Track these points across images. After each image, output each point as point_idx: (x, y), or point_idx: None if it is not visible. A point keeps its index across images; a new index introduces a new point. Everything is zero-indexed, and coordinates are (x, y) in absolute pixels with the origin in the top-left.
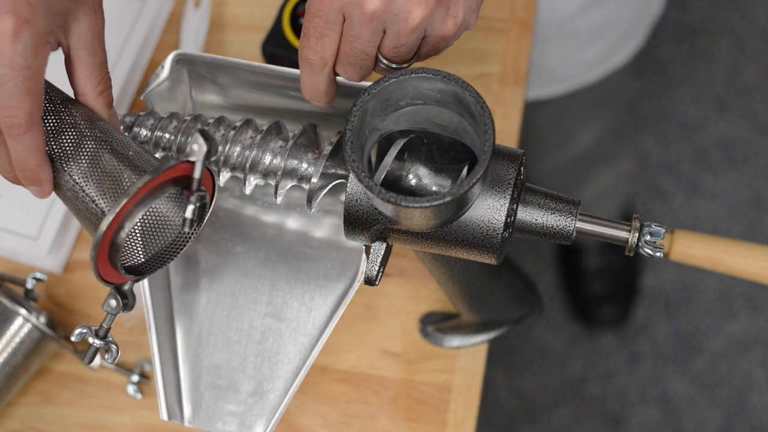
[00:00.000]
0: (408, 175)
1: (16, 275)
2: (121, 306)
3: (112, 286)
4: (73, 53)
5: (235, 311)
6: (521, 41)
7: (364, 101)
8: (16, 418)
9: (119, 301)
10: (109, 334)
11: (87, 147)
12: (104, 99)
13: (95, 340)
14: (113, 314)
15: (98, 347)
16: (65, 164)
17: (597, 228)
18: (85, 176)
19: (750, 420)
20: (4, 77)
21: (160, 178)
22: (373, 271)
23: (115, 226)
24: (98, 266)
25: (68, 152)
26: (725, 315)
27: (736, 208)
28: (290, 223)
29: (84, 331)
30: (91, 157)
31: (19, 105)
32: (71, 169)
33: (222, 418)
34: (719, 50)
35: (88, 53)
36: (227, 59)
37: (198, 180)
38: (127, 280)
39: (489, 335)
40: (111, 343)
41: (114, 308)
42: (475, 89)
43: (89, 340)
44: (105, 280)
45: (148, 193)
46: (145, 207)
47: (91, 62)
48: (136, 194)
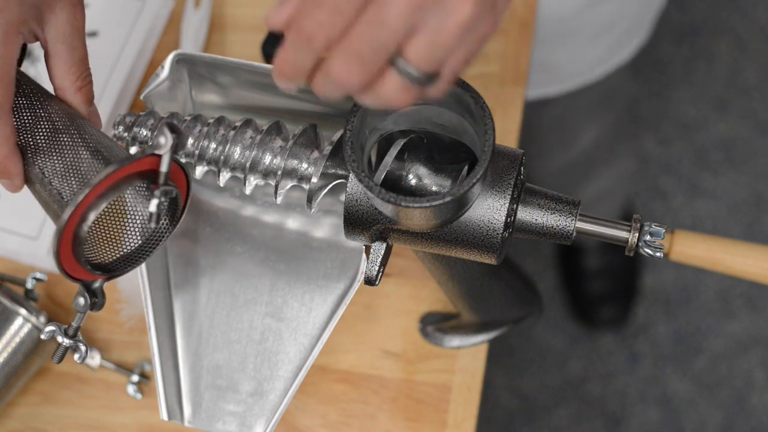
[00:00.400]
0: (408, 175)
1: (16, 275)
2: (89, 304)
3: (80, 282)
4: (50, 47)
5: (235, 311)
6: (521, 41)
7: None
8: (16, 418)
9: (87, 299)
10: (78, 333)
11: (58, 141)
12: (83, 95)
13: (64, 339)
14: (82, 312)
15: (67, 346)
16: (36, 158)
17: (597, 228)
18: (54, 170)
19: (750, 420)
20: None
21: (124, 171)
22: (373, 271)
23: (77, 218)
24: (62, 261)
25: (40, 146)
26: (725, 315)
27: (736, 208)
28: (290, 223)
29: (53, 329)
30: (61, 152)
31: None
32: (41, 163)
33: (222, 418)
34: (719, 50)
35: (66, 47)
36: (227, 59)
37: (165, 174)
38: (94, 277)
39: (489, 335)
40: (79, 342)
41: (82, 306)
42: (475, 89)
43: (58, 338)
44: (71, 275)
45: (112, 186)
46: (108, 199)
47: (69, 57)
48: (98, 186)
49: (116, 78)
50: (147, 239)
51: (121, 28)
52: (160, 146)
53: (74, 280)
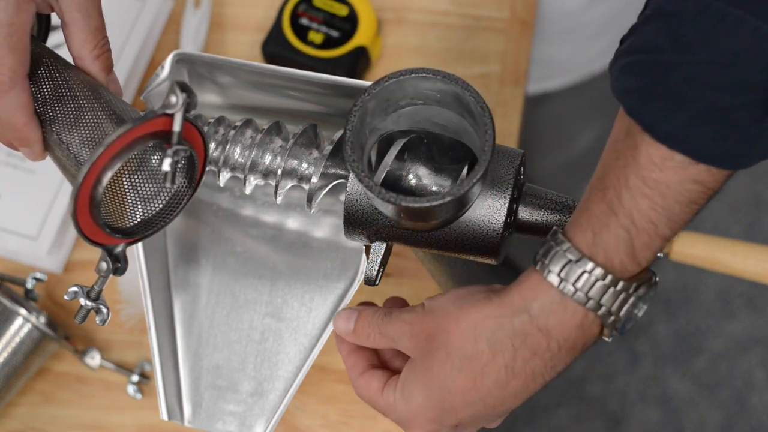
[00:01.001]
0: (408, 175)
1: (16, 275)
2: (111, 269)
3: (101, 247)
4: (66, 16)
5: (235, 311)
6: (521, 41)
7: (364, 101)
8: (16, 418)
9: (109, 264)
10: (101, 296)
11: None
12: (101, 63)
13: (86, 301)
14: (104, 277)
15: (89, 308)
16: (54, 125)
17: None
18: (71, 135)
19: (750, 420)
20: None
21: (136, 131)
22: (373, 271)
23: (93, 179)
24: (81, 224)
25: (57, 113)
26: (725, 315)
27: (736, 208)
28: (290, 223)
29: (76, 290)
30: (79, 118)
31: (1, 62)
32: (59, 129)
33: (222, 418)
34: None
35: (82, 15)
36: (227, 59)
37: (177, 133)
38: (115, 241)
39: None
40: (102, 304)
41: (104, 271)
42: (475, 89)
43: (80, 300)
44: (91, 239)
45: (126, 146)
46: (122, 160)
47: (86, 25)
48: (112, 146)
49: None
50: (167, 203)
51: (121, 28)
52: (172, 105)
53: (94, 244)
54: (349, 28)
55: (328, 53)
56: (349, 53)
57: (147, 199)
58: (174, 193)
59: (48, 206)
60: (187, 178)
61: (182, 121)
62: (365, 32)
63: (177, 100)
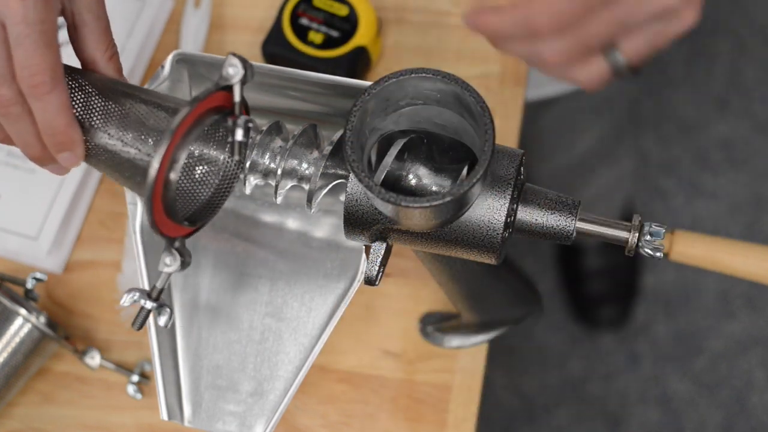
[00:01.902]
0: (408, 175)
1: (16, 275)
2: (178, 263)
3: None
4: (77, 18)
5: (235, 311)
6: None
7: (364, 101)
8: (16, 418)
9: (176, 257)
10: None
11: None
12: (114, 64)
13: (148, 302)
14: (169, 272)
15: (150, 310)
16: (97, 122)
17: (597, 228)
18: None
19: (750, 420)
20: (21, 35)
21: (200, 108)
22: (373, 271)
23: (166, 164)
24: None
25: (97, 109)
26: (725, 315)
27: (736, 208)
28: (290, 223)
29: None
30: (121, 109)
31: (41, 61)
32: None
33: (222, 418)
34: (719, 50)
35: (93, 17)
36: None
37: (239, 103)
38: (184, 230)
39: (489, 335)
40: (164, 305)
41: (170, 265)
42: (475, 89)
43: (142, 303)
44: (161, 232)
45: (192, 125)
46: (192, 139)
47: (97, 26)
48: (180, 127)
49: None
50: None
51: (121, 28)
52: (231, 77)
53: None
54: (349, 28)
55: (328, 53)
56: (349, 53)
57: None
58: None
59: (48, 206)
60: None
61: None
62: (365, 32)
63: (236, 71)
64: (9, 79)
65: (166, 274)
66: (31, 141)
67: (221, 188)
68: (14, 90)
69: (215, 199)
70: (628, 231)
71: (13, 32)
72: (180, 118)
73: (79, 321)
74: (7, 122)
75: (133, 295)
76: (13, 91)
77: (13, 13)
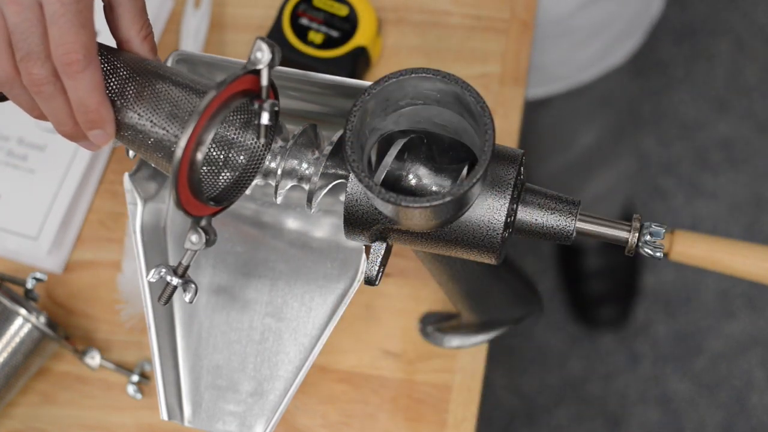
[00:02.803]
0: (408, 175)
1: (16, 275)
2: (203, 241)
3: (192, 218)
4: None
5: (235, 311)
6: (521, 41)
7: (364, 101)
8: (16, 418)
9: (201, 236)
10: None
11: (145, 81)
12: (149, 44)
13: (173, 278)
14: (194, 250)
15: (176, 285)
16: (128, 101)
17: (597, 228)
18: (152, 107)
19: (750, 420)
20: (56, 14)
21: (227, 91)
22: (373, 271)
23: (192, 144)
24: (180, 194)
25: (128, 89)
26: (725, 315)
27: (736, 208)
28: (290, 223)
29: (162, 270)
30: (152, 89)
31: (75, 40)
32: (135, 105)
33: (222, 418)
34: (719, 50)
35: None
36: (227, 59)
37: (266, 87)
38: (210, 210)
39: (489, 335)
40: (190, 281)
41: (196, 243)
42: (475, 89)
43: (168, 279)
44: (187, 211)
45: (219, 107)
46: (218, 121)
47: (133, 6)
48: (208, 109)
49: None
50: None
51: None
52: (259, 61)
53: (190, 216)
54: (349, 28)
55: (328, 53)
56: (349, 53)
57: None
58: (252, 152)
59: (48, 206)
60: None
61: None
62: (365, 32)
63: (263, 55)
64: (43, 58)
65: (192, 252)
66: (63, 119)
67: (248, 170)
68: (48, 68)
69: (242, 180)
70: (628, 231)
71: (49, 11)
72: (207, 101)
73: (79, 321)
74: (41, 100)
75: (160, 270)
76: (47, 70)
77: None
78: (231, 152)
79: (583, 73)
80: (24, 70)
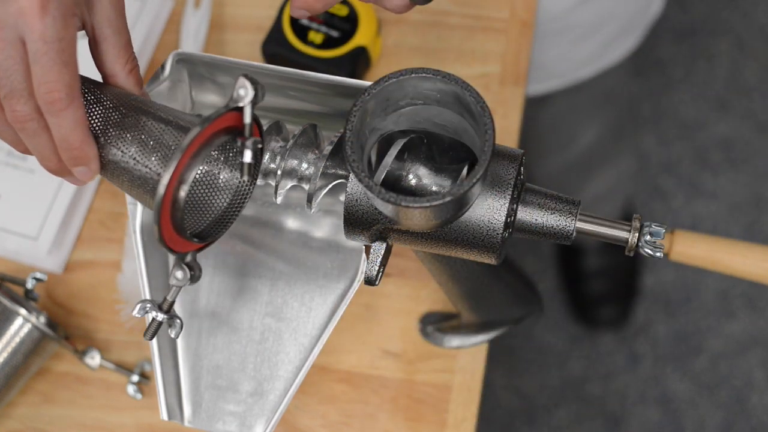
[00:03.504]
0: (408, 175)
1: (16, 275)
2: (188, 277)
3: (177, 255)
4: (97, 32)
5: (235, 311)
6: (521, 41)
7: (364, 101)
8: (16, 418)
9: (186, 272)
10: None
11: (129, 118)
12: (134, 78)
13: (159, 314)
14: (179, 286)
15: (161, 321)
16: (110, 138)
17: (597, 228)
18: (135, 145)
19: (750, 420)
20: (38, 52)
21: (211, 128)
22: (373, 271)
23: (175, 182)
24: (163, 231)
25: (112, 125)
26: (725, 315)
27: (736, 208)
28: (290, 223)
29: (147, 305)
30: (136, 126)
31: (57, 78)
32: (118, 142)
33: (222, 418)
34: (719, 50)
35: (113, 31)
36: (227, 59)
37: (250, 125)
38: (193, 246)
39: (489, 335)
40: (175, 316)
41: (181, 280)
42: (475, 89)
43: (153, 314)
44: (170, 248)
45: (202, 145)
46: (202, 159)
47: (117, 41)
48: (190, 146)
49: None
50: (231, 200)
51: None
52: (242, 98)
53: (174, 253)
54: (349, 28)
55: (328, 53)
56: (349, 53)
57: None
58: (236, 189)
59: (48, 206)
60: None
61: (252, 113)
62: (365, 32)
63: (247, 93)
64: (26, 95)
65: (177, 288)
66: (47, 155)
67: (232, 207)
68: (32, 105)
69: (227, 216)
70: (628, 231)
71: (31, 49)
72: (189, 138)
73: (79, 321)
74: (25, 136)
75: (145, 306)
76: (30, 107)
77: (32, 30)
78: (215, 190)
79: (583, 70)
80: (8, 107)
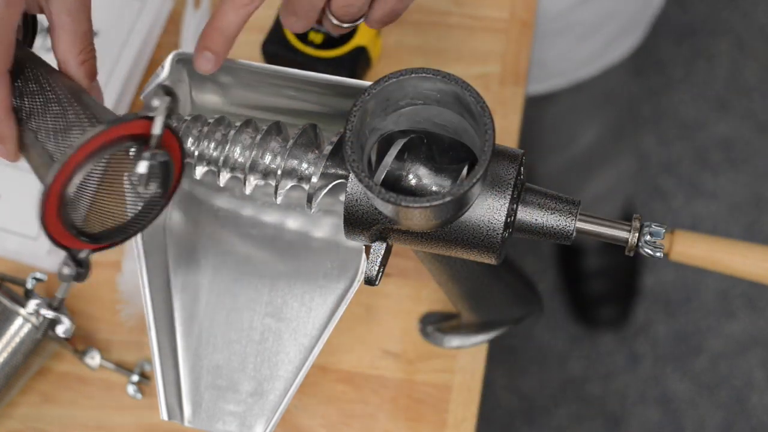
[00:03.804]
0: (408, 175)
1: (16, 275)
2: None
3: (66, 250)
4: (54, 18)
5: (235, 311)
6: (521, 41)
7: (364, 101)
8: (16, 418)
9: (72, 269)
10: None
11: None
12: (86, 69)
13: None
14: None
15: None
16: (30, 122)
17: (597, 228)
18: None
19: (750, 420)
20: None
21: (113, 132)
22: (373, 271)
23: (64, 178)
24: (48, 224)
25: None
26: (725, 315)
27: (736, 208)
28: (290, 223)
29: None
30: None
31: None
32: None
33: (222, 418)
34: (719, 50)
35: (71, 19)
36: (227, 59)
37: (156, 137)
38: (82, 245)
39: (489, 335)
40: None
41: (66, 276)
42: (475, 89)
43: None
44: (57, 241)
45: (101, 147)
46: (96, 161)
47: (73, 29)
48: (86, 145)
49: (116, 78)
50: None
51: (120, 28)
52: (153, 108)
53: (60, 246)
54: None
55: (328, 53)
56: (349, 53)
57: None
58: (148, 201)
59: None
60: (162, 186)
61: (162, 126)
62: (365, 32)
63: (160, 104)
64: None
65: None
66: None
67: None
68: None
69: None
70: (628, 231)
71: None
72: (86, 137)
73: (79, 321)
74: None
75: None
76: None
77: None
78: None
79: (583, 69)
80: None
